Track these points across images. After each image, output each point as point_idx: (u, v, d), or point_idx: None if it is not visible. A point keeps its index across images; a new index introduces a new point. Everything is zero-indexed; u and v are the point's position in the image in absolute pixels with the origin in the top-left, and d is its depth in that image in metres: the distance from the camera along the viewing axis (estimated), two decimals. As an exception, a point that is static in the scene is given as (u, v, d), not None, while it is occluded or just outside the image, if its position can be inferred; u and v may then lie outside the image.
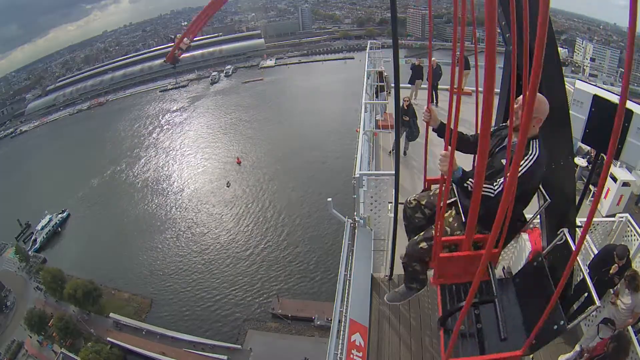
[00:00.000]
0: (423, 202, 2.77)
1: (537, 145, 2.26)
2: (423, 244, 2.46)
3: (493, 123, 3.91)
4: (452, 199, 2.51)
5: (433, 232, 2.29)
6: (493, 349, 1.82)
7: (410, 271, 2.65)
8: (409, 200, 2.86)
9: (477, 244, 2.10)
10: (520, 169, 2.08)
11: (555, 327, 1.78)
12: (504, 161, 2.20)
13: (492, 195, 2.02)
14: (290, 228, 38.23)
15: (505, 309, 1.93)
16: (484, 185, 1.98)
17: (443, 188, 1.97)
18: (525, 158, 2.18)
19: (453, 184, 2.21)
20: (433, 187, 2.85)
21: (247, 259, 35.73)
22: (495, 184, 2.05)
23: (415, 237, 2.58)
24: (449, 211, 2.50)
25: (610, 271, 4.25)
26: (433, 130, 2.72)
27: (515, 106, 2.21)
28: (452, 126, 1.85)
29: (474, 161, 2.08)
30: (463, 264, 1.96)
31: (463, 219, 2.32)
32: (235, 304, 32.08)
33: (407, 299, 3.07)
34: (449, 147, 2.04)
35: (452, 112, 1.87)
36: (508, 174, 1.89)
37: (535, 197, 4.18)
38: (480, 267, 1.46)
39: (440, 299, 2.12)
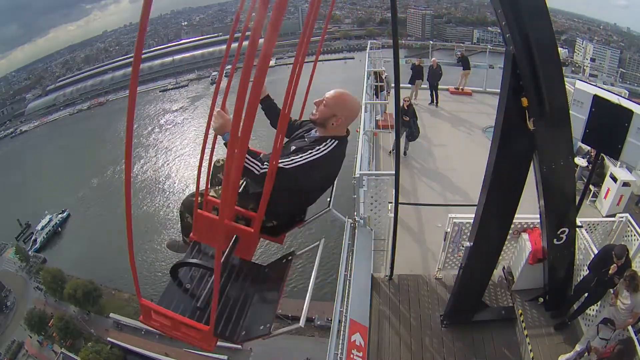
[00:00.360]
0: None
1: (332, 145, 2.11)
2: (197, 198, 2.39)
3: (493, 122, 3.92)
4: None
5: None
6: (189, 312, 1.85)
7: (184, 222, 2.53)
8: (219, 159, 2.76)
9: (249, 220, 2.10)
10: (299, 160, 2.02)
11: (262, 327, 1.83)
12: (293, 147, 2.13)
13: (257, 173, 1.94)
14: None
15: (225, 285, 1.99)
16: (251, 159, 1.92)
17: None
18: (310, 152, 2.06)
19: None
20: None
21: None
22: (265, 164, 1.94)
23: (194, 190, 2.48)
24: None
25: (610, 271, 4.24)
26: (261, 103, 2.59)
27: (316, 100, 2.19)
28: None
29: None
30: (210, 226, 2.02)
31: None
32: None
33: (183, 253, 3.01)
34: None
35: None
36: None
37: (534, 197, 4.20)
38: (219, 232, 1.51)
39: (189, 250, 2.19)
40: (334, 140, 2.14)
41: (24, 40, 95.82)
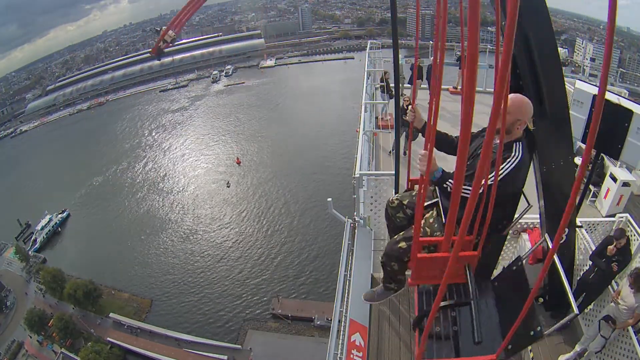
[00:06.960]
0: (405, 202, 2.75)
1: (520, 148, 2.22)
2: (402, 244, 2.43)
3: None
4: (434, 200, 2.48)
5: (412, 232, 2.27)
6: (467, 352, 1.83)
7: (388, 270, 2.61)
8: (391, 199, 2.85)
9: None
10: (501, 171, 2.06)
11: (532, 333, 1.79)
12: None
13: (468, 195, 1.98)
14: (289, 225, 38.22)
15: (481, 312, 1.93)
16: (464, 187, 1.92)
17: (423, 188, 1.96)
18: (508, 161, 2.14)
19: (435, 185, 2.20)
20: (416, 187, 2.85)
21: (247, 258, 35.72)
22: (466, 184, 1.98)
23: (395, 237, 2.55)
24: (430, 212, 2.47)
25: (608, 252, 4.23)
26: (418, 130, 2.68)
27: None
28: (432, 125, 1.85)
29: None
30: (440, 265, 1.91)
31: (443, 220, 2.29)
32: (235, 304, 32.09)
33: (384, 299, 3.05)
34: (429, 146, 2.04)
35: (432, 111, 1.88)
36: (494, 175, 1.92)
37: (534, 197, 4.20)
38: (449, 269, 1.45)
39: (417, 300, 2.14)
40: (520, 143, 2.24)
41: (24, 40, 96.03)
